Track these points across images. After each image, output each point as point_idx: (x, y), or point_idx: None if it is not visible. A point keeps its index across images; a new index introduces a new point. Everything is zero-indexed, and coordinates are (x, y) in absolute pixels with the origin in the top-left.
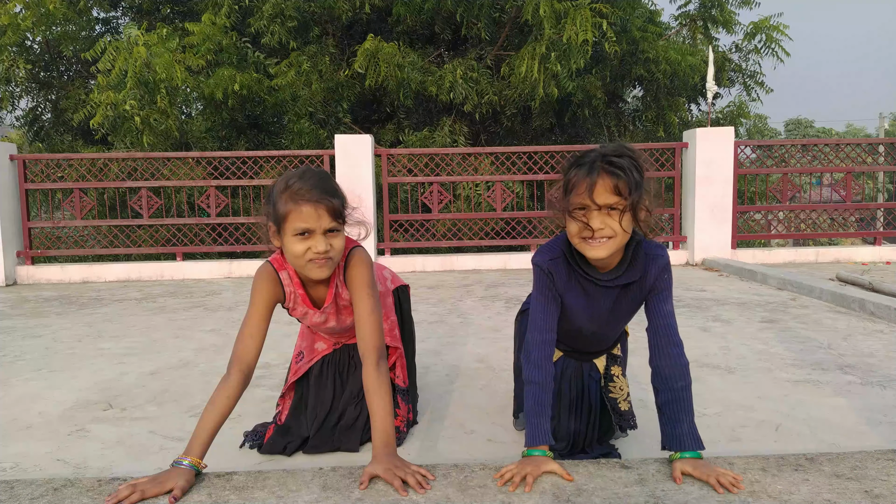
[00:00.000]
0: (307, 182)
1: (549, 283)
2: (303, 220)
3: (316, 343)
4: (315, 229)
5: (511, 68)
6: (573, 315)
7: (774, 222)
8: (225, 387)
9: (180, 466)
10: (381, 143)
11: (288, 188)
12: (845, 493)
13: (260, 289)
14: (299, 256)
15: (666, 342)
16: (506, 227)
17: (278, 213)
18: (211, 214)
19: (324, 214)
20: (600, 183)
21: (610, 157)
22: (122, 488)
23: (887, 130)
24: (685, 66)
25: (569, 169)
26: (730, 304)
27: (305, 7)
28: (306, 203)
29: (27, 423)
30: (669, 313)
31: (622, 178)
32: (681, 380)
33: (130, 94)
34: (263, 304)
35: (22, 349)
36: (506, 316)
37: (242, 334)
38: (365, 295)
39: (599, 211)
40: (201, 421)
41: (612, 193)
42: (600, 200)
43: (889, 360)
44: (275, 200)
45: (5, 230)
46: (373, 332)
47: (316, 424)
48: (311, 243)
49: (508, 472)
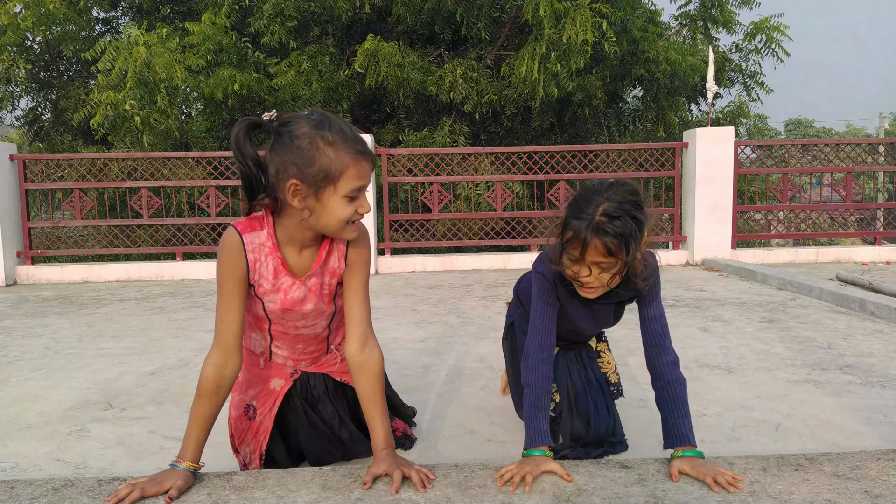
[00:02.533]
0: (349, 133)
1: (552, 291)
2: (361, 178)
3: (270, 381)
4: (367, 186)
5: (511, 68)
6: (575, 321)
7: (774, 222)
8: (198, 388)
9: (177, 468)
10: (381, 143)
11: (331, 142)
12: (845, 493)
13: (222, 261)
14: (343, 220)
15: (657, 342)
16: (506, 227)
17: (325, 170)
18: (211, 214)
19: (372, 169)
20: (593, 245)
21: (607, 219)
22: (121, 488)
23: (887, 130)
24: (685, 66)
25: (568, 212)
26: (730, 304)
27: (305, 7)
28: (365, 158)
29: (27, 423)
30: (658, 315)
31: (616, 242)
32: (670, 375)
33: (130, 94)
34: (229, 278)
35: (22, 349)
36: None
37: (215, 321)
38: (367, 275)
39: (592, 267)
40: (188, 426)
41: (603, 256)
42: (591, 260)
43: (889, 360)
44: (311, 154)
45: (5, 230)
46: (368, 310)
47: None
48: (358, 204)
49: (508, 472)
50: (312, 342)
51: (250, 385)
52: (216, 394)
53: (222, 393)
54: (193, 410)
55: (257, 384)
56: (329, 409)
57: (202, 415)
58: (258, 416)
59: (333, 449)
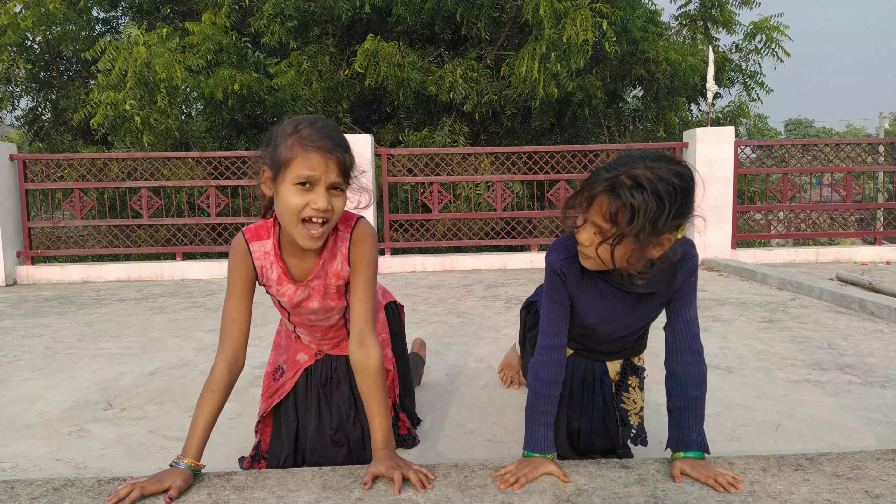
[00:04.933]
0: (319, 130)
1: (560, 286)
2: (309, 168)
3: (298, 354)
4: (319, 180)
5: (511, 68)
6: (586, 316)
7: (774, 222)
8: (209, 382)
9: (178, 467)
10: (381, 143)
11: (297, 132)
12: (845, 493)
13: (232, 265)
14: (294, 211)
15: (686, 348)
16: (506, 227)
17: (280, 157)
18: (211, 214)
19: (332, 166)
20: (598, 202)
21: (631, 183)
22: (121, 487)
23: (887, 130)
24: (685, 66)
25: (598, 169)
26: (730, 304)
27: (305, 7)
28: (316, 150)
29: (27, 423)
30: (692, 318)
31: (622, 210)
32: (696, 388)
33: (130, 93)
34: (238, 281)
35: (22, 349)
36: (506, 316)
37: (224, 319)
38: (370, 275)
39: (592, 227)
40: (193, 421)
41: (605, 219)
42: (592, 218)
43: (889, 360)
44: (277, 143)
45: (5, 230)
46: (368, 310)
47: (310, 445)
48: (312, 197)
49: (506, 473)
50: (330, 330)
51: (285, 350)
52: (224, 389)
53: (229, 389)
54: (200, 405)
55: (288, 351)
56: (345, 392)
57: (209, 410)
58: (282, 379)
59: (335, 455)
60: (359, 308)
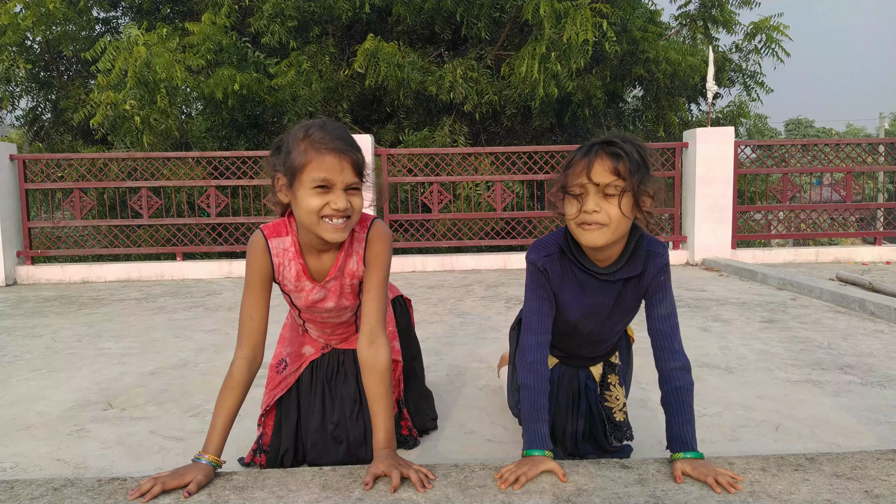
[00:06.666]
0: (330, 132)
1: (543, 282)
2: (325, 170)
3: (304, 347)
4: (336, 182)
5: (511, 68)
6: (569, 312)
7: (774, 222)
8: (229, 379)
9: (200, 462)
10: (381, 143)
11: (308, 136)
12: (845, 493)
13: (250, 263)
14: (314, 212)
15: (665, 345)
16: (506, 226)
17: (294, 162)
18: (211, 214)
19: (347, 167)
20: (598, 162)
21: (611, 139)
22: (144, 482)
23: (887, 130)
24: (685, 66)
25: (573, 154)
26: (730, 304)
27: (305, 7)
28: (330, 152)
29: (27, 423)
30: (667, 315)
31: (622, 158)
32: (678, 380)
33: (130, 93)
34: (257, 279)
35: (22, 349)
36: (506, 316)
37: (242, 316)
38: (384, 275)
39: (597, 191)
40: (213, 417)
41: (609, 173)
42: (597, 179)
43: (889, 360)
44: (289, 149)
45: (5, 230)
46: (380, 309)
47: (311, 440)
48: (331, 198)
49: (507, 472)
50: (340, 326)
51: (290, 343)
52: (244, 386)
53: (248, 385)
54: (220, 402)
55: (294, 344)
56: (352, 386)
57: (230, 405)
58: (285, 372)
59: (333, 451)
60: (371, 307)
